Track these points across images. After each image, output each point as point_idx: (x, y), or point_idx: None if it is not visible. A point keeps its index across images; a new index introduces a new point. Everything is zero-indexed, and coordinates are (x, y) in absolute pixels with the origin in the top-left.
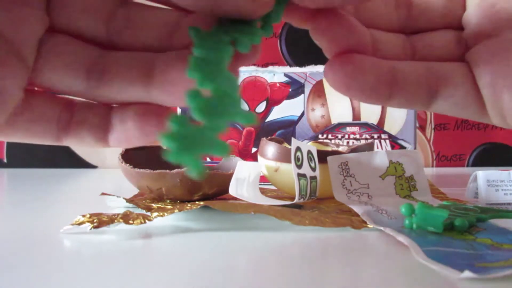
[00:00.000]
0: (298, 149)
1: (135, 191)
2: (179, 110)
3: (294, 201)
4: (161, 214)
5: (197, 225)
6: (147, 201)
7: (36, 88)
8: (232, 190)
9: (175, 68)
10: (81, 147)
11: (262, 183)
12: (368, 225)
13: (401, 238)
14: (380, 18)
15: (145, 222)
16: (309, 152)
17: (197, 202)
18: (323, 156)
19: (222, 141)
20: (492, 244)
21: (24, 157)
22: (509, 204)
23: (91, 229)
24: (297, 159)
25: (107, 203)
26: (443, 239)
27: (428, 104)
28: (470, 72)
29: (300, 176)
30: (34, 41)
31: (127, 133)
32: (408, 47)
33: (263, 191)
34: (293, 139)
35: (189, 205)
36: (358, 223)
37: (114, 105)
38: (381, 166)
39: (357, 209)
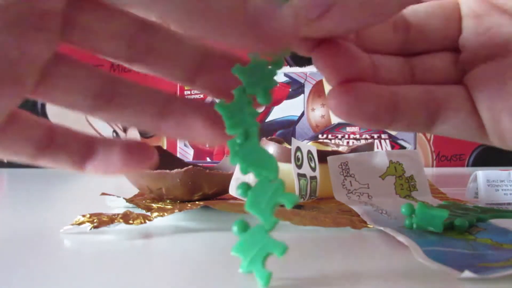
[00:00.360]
0: (298, 149)
1: (135, 191)
2: None
3: None
4: (161, 214)
5: (197, 225)
6: (147, 201)
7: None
8: (232, 190)
9: (196, 118)
10: (54, 168)
11: None
12: (368, 225)
13: (401, 238)
14: (379, 42)
15: (145, 222)
16: (309, 152)
17: (197, 202)
18: (323, 156)
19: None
20: (492, 244)
21: None
22: (509, 204)
23: (91, 229)
24: (297, 159)
25: (107, 203)
26: (443, 239)
27: (429, 128)
28: (468, 95)
29: (300, 176)
30: (38, 65)
31: (109, 164)
32: (407, 70)
33: None
34: (293, 139)
35: (189, 205)
36: (358, 223)
37: (97, 136)
38: (381, 166)
39: (357, 209)
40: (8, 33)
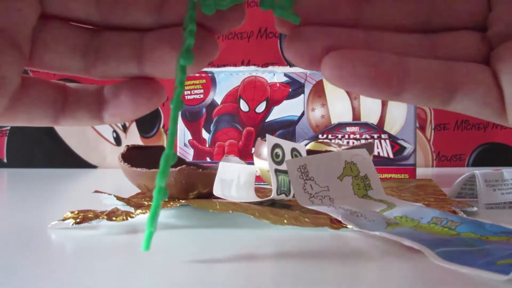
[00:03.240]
0: (276, 145)
1: (136, 190)
2: None
3: (271, 197)
4: (143, 211)
5: (175, 222)
6: (147, 200)
7: (31, 74)
8: (217, 191)
9: (161, 46)
10: (78, 126)
11: (262, 183)
12: (347, 226)
13: (408, 242)
14: (396, 16)
15: (127, 219)
16: (293, 149)
17: (177, 200)
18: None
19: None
20: (478, 238)
21: (24, 157)
22: (505, 203)
23: (72, 224)
24: (276, 155)
25: (102, 201)
26: (441, 238)
27: (446, 102)
28: (492, 71)
29: (280, 172)
30: (28, 30)
31: (120, 107)
32: (427, 47)
33: (262, 190)
34: (268, 136)
35: (171, 203)
36: (337, 223)
37: (106, 85)
38: (338, 167)
39: (334, 214)
40: None
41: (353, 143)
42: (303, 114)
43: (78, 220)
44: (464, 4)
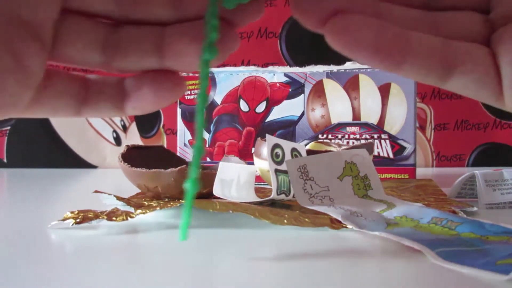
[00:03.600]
0: (276, 145)
1: (136, 190)
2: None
3: (271, 197)
4: (143, 211)
5: (175, 222)
6: (147, 200)
7: (55, 67)
8: (217, 191)
9: (183, 40)
10: (99, 116)
11: (262, 183)
12: (347, 226)
13: (408, 242)
14: None
15: (127, 219)
16: (293, 149)
17: (177, 200)
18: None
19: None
20: (478, 238)
21: (24, 157)
22: (505, 203)
23: (73, 224)
24: (276, 155)
25: (102, 201)
26: (439, 238)
27: (444, 79)
28: (491, 53)
29: (279, 172)
30: (50, 23)
31: (142, 99)
32: (429, 22)
33: (262, 190)
34: (268, 136)
35: (171, 203)
36: (337, 223)
37: (126, 77)
38: (338, 167)
39: (334, 214)
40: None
41: (353, 143)
42: (303, 114)
43: (78, 220)
44: None
